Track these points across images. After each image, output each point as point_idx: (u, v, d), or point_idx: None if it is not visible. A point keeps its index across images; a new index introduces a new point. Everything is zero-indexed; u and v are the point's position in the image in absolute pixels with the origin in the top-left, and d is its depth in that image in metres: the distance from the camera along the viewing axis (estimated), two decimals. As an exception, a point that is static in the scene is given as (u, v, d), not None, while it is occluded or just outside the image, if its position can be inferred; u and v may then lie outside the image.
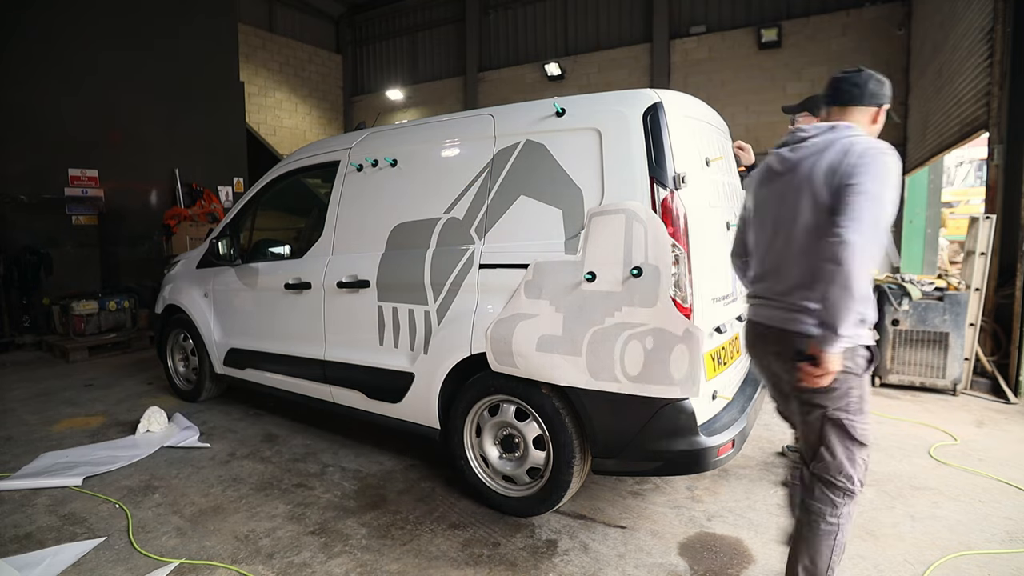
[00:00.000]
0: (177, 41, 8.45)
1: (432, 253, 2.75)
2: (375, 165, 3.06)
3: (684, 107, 2.48)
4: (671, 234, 2.16)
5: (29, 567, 2.22)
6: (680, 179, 2.23)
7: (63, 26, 7.22)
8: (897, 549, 2.31)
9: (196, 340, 4.15)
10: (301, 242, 3.68)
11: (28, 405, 4.36)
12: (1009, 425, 3.72)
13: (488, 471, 2.67)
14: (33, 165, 6.97)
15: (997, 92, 4.87)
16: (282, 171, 3.68)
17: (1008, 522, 2.51)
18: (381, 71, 15.30)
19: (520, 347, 2.39)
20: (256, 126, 12.70)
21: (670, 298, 2.15)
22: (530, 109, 2.58)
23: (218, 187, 8.98)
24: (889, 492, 2.80)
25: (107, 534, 2.50)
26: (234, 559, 2.31)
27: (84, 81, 7.41)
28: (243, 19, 11.56)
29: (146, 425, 3.68)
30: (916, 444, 3.40)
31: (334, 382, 3.22)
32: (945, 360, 4.31)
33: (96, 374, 5.30)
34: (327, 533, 2.50)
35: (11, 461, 3.28)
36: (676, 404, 2.18)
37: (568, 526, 2.54)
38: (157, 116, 8.21)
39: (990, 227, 4.38)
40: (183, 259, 4.47)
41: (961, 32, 6.08)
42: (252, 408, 4.22)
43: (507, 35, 13.22)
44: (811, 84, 9.71)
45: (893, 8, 9.34)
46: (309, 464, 3.24)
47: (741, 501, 2.73)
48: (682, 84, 10.91)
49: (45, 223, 6.94)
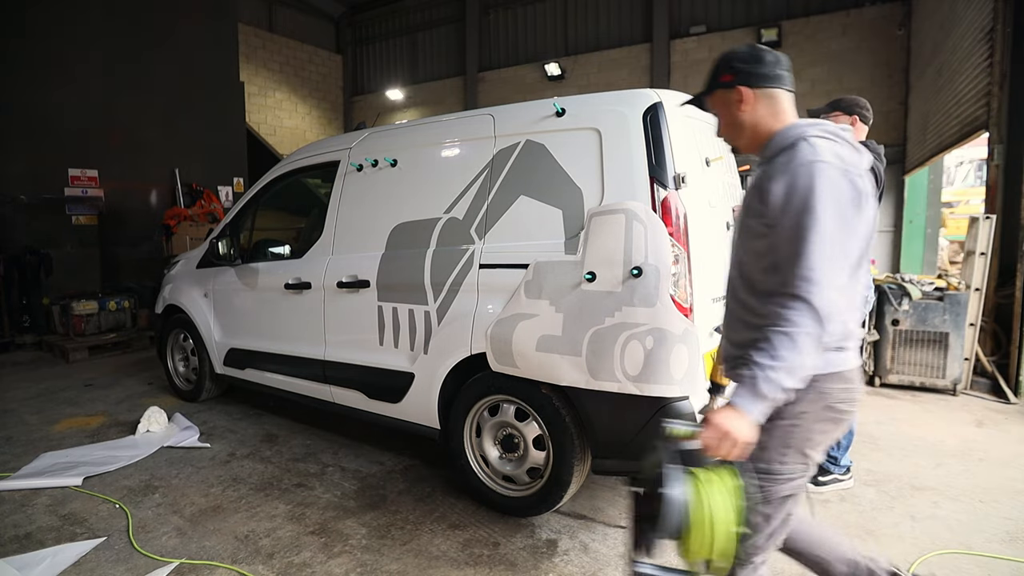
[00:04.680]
0: (177, 41, 8.45)
1: (432, 253, 2.75)
2: (375, 165, 3.06)
3: (684, 107, 2.48)
4: (671, 234, 2.16)
5: (29, 567, 2.22)
6: (680, 179, 2.23)
7: (63, 26, 7.23)
8: (897, 549, 2.31)
9: (196, 340, 4.15)
10: (301, 242, 3.68)
11: (28, 405, 4.36)
12: (1009, 425, 3.72)
13: (488, 471, 2.67)
14: (33, 165, 6.97)
15: (997, 92, 4.87)
16: (282, 171, 3.68)
17: (1008, 522, 2.51)
18: (381, 71, 15.29)
19: (520, 347, 2.39)
20: (256, 126, 12.70)
21: (670, 298, 2.15)
22: (530, 109, 2.58)
23: (218, 187, 8.99)
24: (889, 492, 2.80)
25: (107, 534, 2.50)
26: (234, 559, 2.31)
27: (84, 81, 7.41)
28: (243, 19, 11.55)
29: (146, 425, 3.68)
30: (916, 444, 3.40)
31: (334, 382, 3.22)
32: (945, 360, 4.31)
33: (96, 374, 5.30)
34: (327, 533, 2.50)
35: (11, 461, 3.28)
36: (676, 404, 2.18)
37: (568, 526, 2.54)
38: (157, 116, 8.21)
39: (990, 227, 4.38)
40: (183, 259, 4.47)
41: (961, 32, 6.08)
42: (252, 408, 4.22)
43: (507, 35, 13.22)
44: (811, 84, 9.72)
45: (893, 8, 9.34)
46: (309, 464, 3.24)
47: (741, 501, 2.73)
48: (682, 84, 10.91)
49: (45, 223, 6.94)
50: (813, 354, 1.22)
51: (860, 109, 2.78)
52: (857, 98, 2.84)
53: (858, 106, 2.79)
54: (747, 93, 1.42)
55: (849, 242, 1.25)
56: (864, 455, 3.20)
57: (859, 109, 2.78)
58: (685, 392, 2.19)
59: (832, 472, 2.82)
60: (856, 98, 2.84)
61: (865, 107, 2.79)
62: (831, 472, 2.82)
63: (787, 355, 1.20)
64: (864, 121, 2.78)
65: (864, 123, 2.78)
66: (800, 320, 1.20)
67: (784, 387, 1.22)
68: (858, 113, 2.77)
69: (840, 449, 2.81)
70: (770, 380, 1.21)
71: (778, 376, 1.21)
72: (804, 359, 1.21)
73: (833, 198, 1.22)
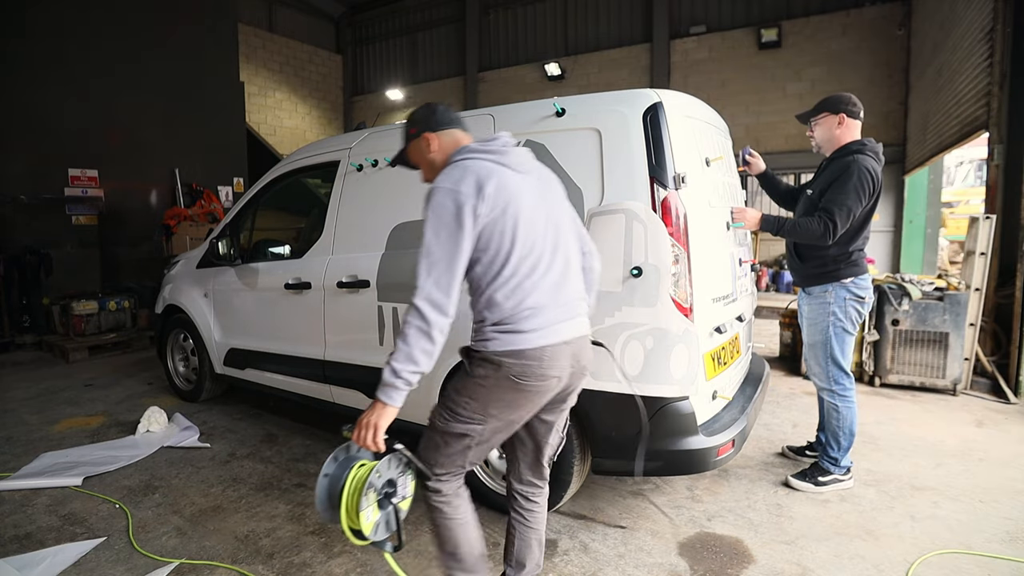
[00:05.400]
0: (177, 41, 8.46)
1: (432, 253, 2.74)
2: (375, 165, 3.06)
3: (684, 107, 2.48)
4: (671, 234, 2.16)
5: (29, 567, 2.22)
6: (680, 179, 2.22)
7: (64, 26, 7.23)
8: (897, 549, 2.31)
9: (196, 340, 4.15)
10: (301, 242, 3.67)
11: (28, 405, 4.36)
12: (1009, 425, 3.72)
13: (488, 471, 2.67)
14: (33, 165, 6.98)
15: (997, 92, 4.87)
16: (282, 171, 3.68)
17: (1008, 522, 2.51)
18: (381, 71, 15.31)
19: (520, 347, 2.39)
20: (256, 126, 12.71)
21: (670, 298, 2.15)
22: (530, 109, 2.58)
23: (218, 187, 8.99)
24: (889, 492, 2.80)
25: (107, 534, 2.50)
26: (234, 559, 2.31)
27: (84, 81, 7.41)
28: (243, 19, 11.57)
29: (146, 425, 3.68)
30: (916, 444, 3.40)
31: (334, 382, 3.22)
32: (945, 360, 4.31)
33: (96, 374, 5.31)
34: (327, 533, 2.50)
35: (11, 461, 3.28)
36: (676, 404, 2.18)
37: (568, 526, 2.54)
38: (157, 116, 8.22)
39: (990, 227, 4.38)
40: (183, 259, 4.47)
41: (961, 32, 6.09)
42: (252, 408, 4.22)
43: (507, 35, 13.23)
44: (811, 84, 9.72)
45: (893, 8, 9.35)
46: (309, 464, 3.24)
47: (741, 501, 2.73)
48: (682, 84, 10.92)
49: (45, 223, 6.94)
50: (426, 342, 1.50)
51: (845, 106, 2.77)
52: (841, 95, 2.82)
53: (842, 103, 2.77)
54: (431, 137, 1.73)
55: (456, 250, 1.50)
56: (864, 455, 3.20)
57: (844, 106, 2.77)
58: (685, 392, 2.19)
59: (832, 472, 2.82)
60: (840, 95, 2.82)
61: (850, 102, 2.77)
62: (831, 472, 2.82)
63: (400, 345, 1.50)
64: (852, 116, 2.76)
65: (852, 118, 2.77)
66: (409, 319, 1.50)
67: (402, 372, 1.50)
68: (844, 110, 2.76)
69: (840, 449, 2.81)
70: (391, 368, 1.51)
71: (397, 364, 1.50)
72: (414, 348, 1.49)
73: (436, 216, 1.51)
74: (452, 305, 1.52)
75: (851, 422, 2.80)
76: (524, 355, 1.55)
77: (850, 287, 2.74)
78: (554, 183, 1.79)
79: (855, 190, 2.56)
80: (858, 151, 2.66)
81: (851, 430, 2.80)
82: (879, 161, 2.67)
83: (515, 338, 1.56)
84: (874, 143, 2.71)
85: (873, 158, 2.65)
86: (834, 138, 2.79)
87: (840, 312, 2.75)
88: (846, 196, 2.56)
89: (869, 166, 2.60)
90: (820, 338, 2.81)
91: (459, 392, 1.62)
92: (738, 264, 2.83)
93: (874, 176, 2.61)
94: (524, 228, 1.56)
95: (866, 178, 2.58)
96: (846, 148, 2.73)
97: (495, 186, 1.53)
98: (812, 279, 2.83)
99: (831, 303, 2.76)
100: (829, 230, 2.56)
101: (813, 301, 2.85)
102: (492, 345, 1.57)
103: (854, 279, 2.74)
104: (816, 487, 2.80)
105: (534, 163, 1.73)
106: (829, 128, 2.79)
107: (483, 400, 1.59)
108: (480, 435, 1.62)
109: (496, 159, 1.61)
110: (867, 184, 2.58)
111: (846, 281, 2.74)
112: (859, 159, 2.61)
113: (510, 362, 1.55)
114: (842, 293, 2.75)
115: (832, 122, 2.78)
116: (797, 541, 2.38)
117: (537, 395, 1.60)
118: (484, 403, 1.59)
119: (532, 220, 1.59)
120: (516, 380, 1.56)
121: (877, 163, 2.65)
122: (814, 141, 2.89)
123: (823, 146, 2.86)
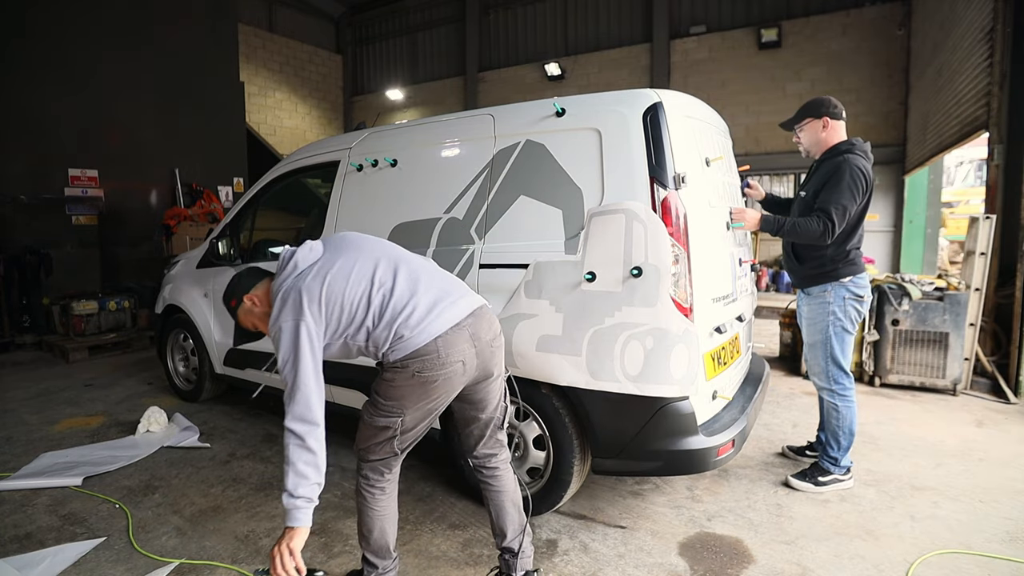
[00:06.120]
0: (177, 41, 8.46)
1: (432, 253, 2.74)
2: (375, 165, 3.06)
3: (684, 107, 2.49)
4: (671, 234, 2.16)
5: (29, 567, 2.22)
6: (680, 179, 2.23)
7: (64, 26, 7.23)
8: (897, 549, 2.31)
9: (196, 340, 4.15)
10: (301, 242, 3.67)
11: (28, 405, 4.36)
12: (1009, 425, 3.72)
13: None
14: (33, 165, 6.98)
15: (997, 92, 4.87)
16: (282, 171, 3.68)
17: (1008, 522, 2.51)
18: (381, 71, 15.31)
19: (520, 347, 2.39)
20: (256, 126, 12.71)
21: (670, 298, 2.15)
22: (530, 109, 2.58)
23: (218, 187, 8.99)
24: (889, 492, 2.80)
25: (107, 534, 2.50)
26: (234, 559, 2.31)
27: (84, 81, 7.42)
28: (243, 19, 11.57)
29: (146, 425, 3.68)
30: (916, 444, 3.40)
31: (334, 382, 3.21)
32: (945, 360, 4.31)
33: (96, 374, 5.31)
34: (327, 533, 2.50)
35: (11, 461, 3.28)
36: (676, 404, 2.18)
37: (568, 526, 2.54)
38: (157, 116, 8.22)
39: (990, 227, 4.38)
40: (183, 259, 4.46)
41: (961, 32, 6.09)
42: (252, 408, 4.22)
43: (507, 35, 13.23)
44: (811, 84, 9.73)
45: (893, 8, 9.35)
46: (309, 464, 3.23)
47: (741, 501, 2.73)
48: (682, 84, 10.92)
49: (45, 223, 6.94)
50: (306, 454, 1.68)
51: (826, 108, 2.79)
52: (820, 98, 2.85)
53: (823, 106, 2.80)
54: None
55: (304, 370, 1.71)
56: (864, 455, 3.20)
57: (825, 109, 2.79)
58: (685, 392, 2.19)
59: (832, 472, 2.82)
60: (819, 99, 2.84)
61: (831, 104, 2.80)
62: (831, 472, 2.82)
63: (287, 470, 1.67)
64: (835, 118, 2.79)
65: (836, 119, 2.79)
66: (286, 442, 1.70)
67: (296, 492, 1.66)
68: (827, 113, 2.79)
69: (840, 449, 2.81)
70: (287, 493, 1.66)
71: (289, 486, 1.66)
72: (297, 463, 1.68)
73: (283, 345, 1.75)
74: (319, 412, 1.70)
75: (851, 422, 2.80)
76: (419, 353, 1.70)
77: (849, 286, 2.75)
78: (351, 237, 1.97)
79: (849, 189, 2.59)
80: (847, 151, 2.69)
81: (851, 430, 2.80)
82: (868, 159, 2.70)
83: (406, 344, 1.71)
84: (862, 142, 2.73)
85: (863, 157, 2.68)
86: (821, 141, 2.82)
87: (840, 311, 2.76)
88: (840, 195, 2.59)
89: (860, 165, 2.63)
90: (820, 338, 2.82)
91: (376, 392, 1.79)
92: (738, 264, 2.83)
93: (865, 174, 2.63)
94: (351, 287, 1.74)
95: (858, 176, 2.61)
96: (835, 149, 2.76)
97: (308, 297, 1.72)
98: (811, 279, 2.84)
99: (830, 303, 2.77)
100: (828, 229, 2.57)
101: (812, 301, 2.85)
102: (392, 356, 1.73)
103: (853, 278, 2.75)
104: (816, 487, 2.81)
105: (319, 246, 1.93)
106: (815, 132, 2.83)
107: (396, 397, 1.74)
108: (401, 425, 1.78)
109: (295, 279, 1.80)
110: (860, 182, 2.61)
111: (845, 280, 2.75)
112: (849, 158, 2.64)
113: (410, 362, 1.71)
114: (841, 292, 2.75)
115: (816, 126, 2.81)
116: (797, 541, 2.38)
117: (446, 382, 1.74)
118: (398, 399, 1.75)
119: (348, 274, 1.76)
120: (420, 375, 1.71)
121: (867, 161, 2.68)
122: (801, 147, 2.92)
123: (811, 150, 2.89)
